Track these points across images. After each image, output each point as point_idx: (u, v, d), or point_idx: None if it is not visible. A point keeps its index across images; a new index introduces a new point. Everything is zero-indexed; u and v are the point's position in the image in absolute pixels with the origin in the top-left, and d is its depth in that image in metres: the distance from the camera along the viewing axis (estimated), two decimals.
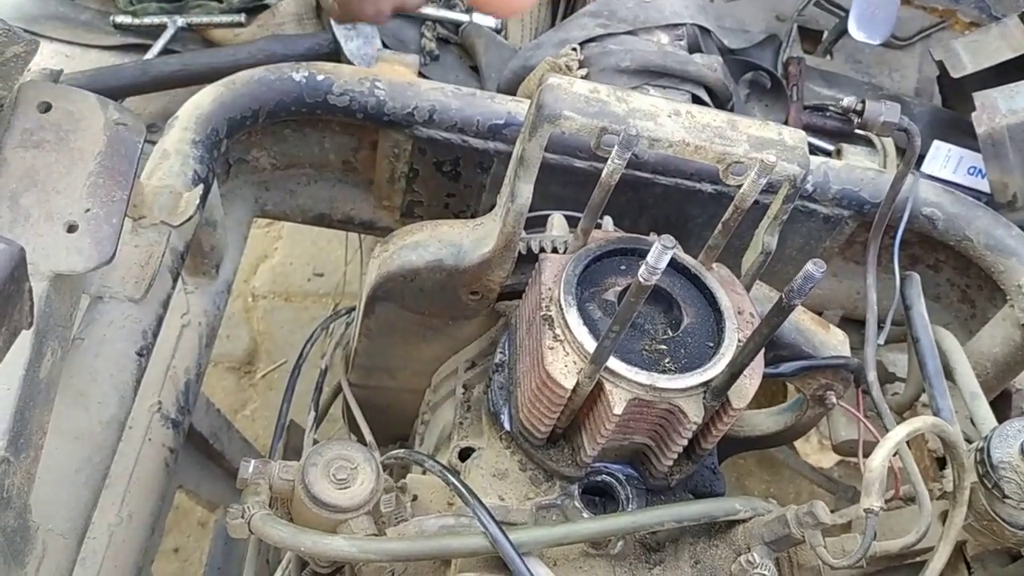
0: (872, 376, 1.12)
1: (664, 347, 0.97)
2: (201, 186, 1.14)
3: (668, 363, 0.96)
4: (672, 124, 0.97)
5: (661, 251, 0.77)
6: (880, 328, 1.26)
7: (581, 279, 0.99)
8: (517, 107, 1.33)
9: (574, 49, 1.51)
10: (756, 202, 1.02)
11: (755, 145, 0.98)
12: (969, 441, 1.08)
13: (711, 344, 0.98)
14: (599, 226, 1.14)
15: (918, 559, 1.07)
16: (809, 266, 0.78)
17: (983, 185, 1.58)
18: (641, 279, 0.79)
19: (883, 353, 1.48)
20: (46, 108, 0.94)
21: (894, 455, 0.93)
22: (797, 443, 1.90)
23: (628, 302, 0.83)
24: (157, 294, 1.15)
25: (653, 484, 1.05)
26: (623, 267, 1.03)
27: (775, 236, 1.03)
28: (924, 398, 1.31)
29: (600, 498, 1.06)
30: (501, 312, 1.17)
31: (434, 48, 1.61)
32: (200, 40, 1.56)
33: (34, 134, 0.92)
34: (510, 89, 1.53)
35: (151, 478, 1.21)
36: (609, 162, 0.94)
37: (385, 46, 1.54)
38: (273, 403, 2.58)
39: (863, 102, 1.00)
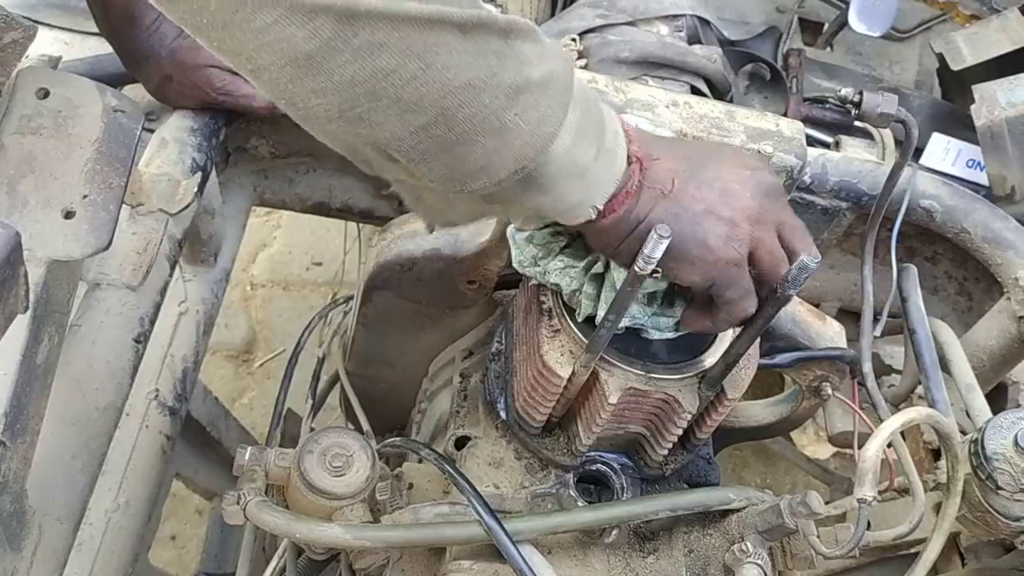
0: (867, 367, 1.12)
1: None
2: (199, 174, 1.15)
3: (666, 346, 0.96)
4: (669, 114, 0.97)
5: (657, 240, 0.77)
6: (876, 320, 1.26)
7: None
8: None
9: (573, 40, 1.51)
10: None
11: (752, 136, 0.98)
12: (965, 433, 1.08)
13: None
14: None
15: (912, 550, 1.07)
16: (804, 257, 0.79)
17: (982, 178, 1.58)
18: (637, 268, 0.79)
19: (880, 345, 1.48)
20: (44, 94, 0.94)
21: (888, 446, 0.93)
22: (794, 434, 1.91)
23: (624, 291, 0.83)
24: (154, 282, 1.16)
25: (648, 473, 1.05)
26: None
27: None
28: (920, 390, 1.32)
29: (595, 487, 1.06)
30: (498, 301, 1.17)
31: None
32: None
33: (32, 120, 0.92)
34: None
35: (148, 465, 1.22)
36: None
37: None
38: (271, 392, 2.57)
39: (861, 93, 1.00)
